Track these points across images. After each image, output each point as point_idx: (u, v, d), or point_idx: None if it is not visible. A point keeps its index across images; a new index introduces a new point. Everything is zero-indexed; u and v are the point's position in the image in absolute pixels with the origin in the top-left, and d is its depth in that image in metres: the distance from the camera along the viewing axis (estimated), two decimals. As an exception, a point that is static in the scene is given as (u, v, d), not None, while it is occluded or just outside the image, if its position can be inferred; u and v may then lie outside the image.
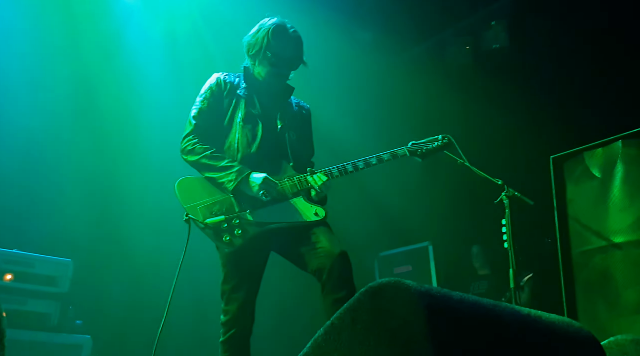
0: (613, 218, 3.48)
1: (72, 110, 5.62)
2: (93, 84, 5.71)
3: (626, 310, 3.31)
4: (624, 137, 3.53)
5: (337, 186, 3.28)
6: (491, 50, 6.39)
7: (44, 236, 5.16)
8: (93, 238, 5.42)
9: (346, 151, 5.80)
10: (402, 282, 1.32)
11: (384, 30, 6.61)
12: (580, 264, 3.59)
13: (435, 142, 3.36)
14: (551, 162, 3.83)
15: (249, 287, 3.15)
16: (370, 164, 3.21)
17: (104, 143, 5.76)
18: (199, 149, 3.16)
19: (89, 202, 5.56)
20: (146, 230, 5.62)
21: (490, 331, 1.40)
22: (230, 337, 3.07)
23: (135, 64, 5.92)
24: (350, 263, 2.97)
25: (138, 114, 5.86)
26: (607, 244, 3.46)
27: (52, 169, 5.44)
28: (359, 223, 6.67)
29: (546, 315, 1.68)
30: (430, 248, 6.49)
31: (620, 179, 3.49)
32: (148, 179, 5.64)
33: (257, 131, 3.21)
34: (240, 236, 3.01)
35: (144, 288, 5.39)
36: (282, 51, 3.21)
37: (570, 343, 1.65)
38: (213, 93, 3.27)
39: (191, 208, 3.05)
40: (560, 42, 5.83)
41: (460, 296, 1.42)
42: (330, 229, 3.14)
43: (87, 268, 5.20)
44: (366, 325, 1.31)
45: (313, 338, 1.41)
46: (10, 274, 4.64)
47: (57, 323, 4.75)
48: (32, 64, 5.42)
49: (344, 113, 6.57)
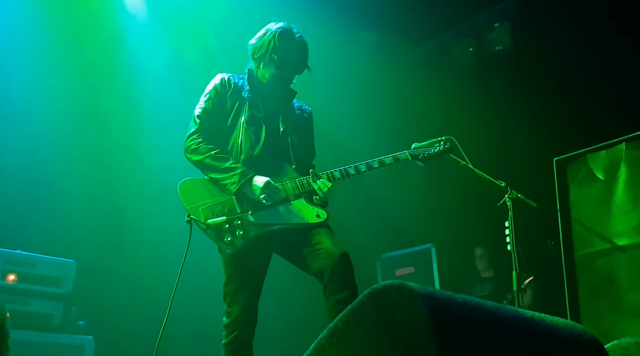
0: (616, 220, 3.47)
1: (75, 111, 5.63)
2: (97, 85, 5.72)
3: (629, 312, 3.30)
4: (627, 140, 3.52)
5: (340, 187, 3.29)
6: (494, 52, 6.38)
7: (47, 237, 5.17)
8: (96, 239, 5.43)
9: (349, 152, 5.81)
10: (406, 284, 1.32)
11: (387, 32, 6.61)
12: (584, 266, 3.58)
13: (437, 147, 3.36)
14: (554, 164, 3.82)
15: (252, 289, 3.15)
16: (372, 167, 3.23)
17: (108, 144, 5.77)
18: (203, 148, 3.17)
19: (92, 203, 5.57)
20: (149, 231, 5.64)
21: (493, 334, 1.40)
22: (232, 339, 3.06)
23: (137, 65, 5.93)
24: (351, 264, 2.97)
25: (141, 114, 5.87)
26: (611, 247, 3.45)
27: (55, 170, 5.45)
28: (361, 224, 6.67)
29: (549, 318, 1.67)
30: (433, 249, 6.48)
31: (624, 181, 3.48)
32: (151, 180, 5.65)
33: (260, 134, 3.22)
34: (241, 237, 3.02)
35: (147, 288, 5.40)
36: (287, 55, 3.24)
37: (573, 346, 1.64)
38: (217, 93, 3.28)
39: (193, 209, 3.06)
40: (563, 44, 5.82)
41: (464, 299, 1.42)
42: (332, 231, 3.14)
43: (90, 268, 5.21)
44: (369, 327, 1.31)
45: (316, 340, 1.41)
46: (13, 275, 4.65)
47: (59, 323, 4.76)
48: (35, 64, 5.43)
49: (347, 114, 6.58)
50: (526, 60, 6.21)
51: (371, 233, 6.89)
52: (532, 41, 6.15)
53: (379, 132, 6.59)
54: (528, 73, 6.10)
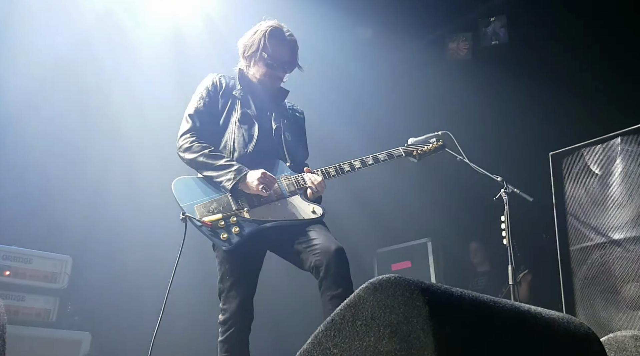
0: (612, 214, 3.48)
1: (71, 108, 5.62)
2: (94, 84, 5.71)
3: (625, 306, 3.31)
4: (623, 134, 3.53)
5: (335, 182, 3.29)
6: (490, 47, 6.38)
7: (43, 233, 5.16)
8: (92, 235, 5.42)
9: (344, 148, 5.82)
10: (403, 278, 1.32)
11: (383, 26, 6.60)
12: (579, 260, 3.59)
13: (431, 144, 3.42)
14: (550, 158, 3.83)
15: (247, 285, 3.15)
16: (367, 164, 3.28)
17: (104, 140, 5.76)
18: (196, 147, 3.17)
19: (87, 199, 5.56)
20: (145, 228, 5.62)
21: (490, 328, 1.40)
22: (229, 336, 3.05)
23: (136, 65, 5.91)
24: (347, 259, 2.97)
25: (136, 112, 5.85)
26: (606, 241, 3.46)
27: (51, 166, 5.44)
28: (357, 219, 6.67)
29: (546, 311, 1.68)
30: (429, 244, 6.50)
31: (620, 175, 3.49)
32: (146, 177, 5.63)
33: (253, 132, 3.23)
34: (237, 234, 3.02)
35: (142, 284, 5.39)
36: (277, 53, 3.28)
37: (570, 339, 1.65)
38: (209, 93, 3.31)
39: (188, 207, 3.06)
40: (559, 38, 5.82)
41: (461, 292, 1.42)
42: (327, 227, 3.14)
43: (86, 264, 5.20)
44: (366, 321, 1.31)
45: (313, 334, 1.41)
46: (8, 271, 4.64)
47: (56, 319, 4.76)
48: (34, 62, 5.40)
49: (342, 110, 6.58)
50: (522, 54, 6.21)
51: (367, 227, 6.89)
52: (528, 35, 6.15)
53: (374, 127, 6.59)
54: (524, 67, 6.10)
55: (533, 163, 4.91)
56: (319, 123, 5.11)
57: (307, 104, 3.67)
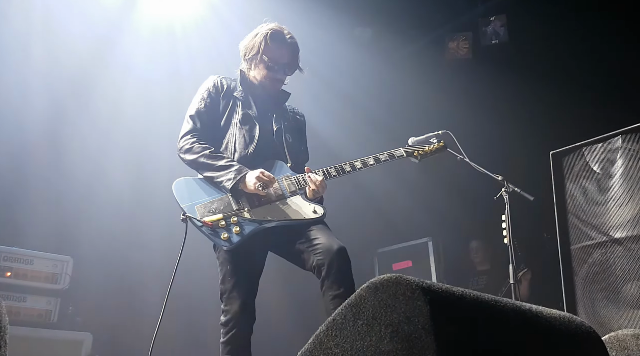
0: (613, 213, 3.48)
1: (70, 107, 5.61)
2: (93, 81, 5.70)
3: (626, 305, 3.32)
4: (623, 133, 3.53)
5: (337, 182, 3.29)
6: (490, 46, 6.38)
7: (44, 233, 5.15)
8: (93, 236, 5.41)
9: (345, 148, 5.82)
10: (404, 277, 1.32)
11: (382, 26, 6.60)
12: (580, 259, 3.59)
13: (433, 145, 3.44)
14: (551, 157, 3.83)
15: (248, 286, 3.13)
16: (368, 164, 3.28)
17: (104, 141, 5.76)
18: (197, 148, 3.17)
19: (88, 199, 5.56)
20: (145, 228, 5.62)
21: (491, 327, 1.41)
22: (231, 337, 3.03)
23: (135, 64, 5.91)
24: (349, 258, 2.97)
25: (137, 111, 5.85)
26: (607, 240, 3.47)
27: (52, 166, 5.43)
28: (358, 219, 6.68)
29: (547, 310, 1.68)
30: (430, 243, 6.50)
31: (620, 174, 3.49)
32: (147, 178, 5.64)
33: (254, 133, 3.24)
34: (238, 234, 3.01)
35: (143, 285, 5.39)
36: (278, 56, 3.30)
37: (571, 338, 1.65)
38: (210, 94, 3.32)
39: (188, 207, 3.05)
40: (559, 37, 5.82)
41: (462, 292, 1.42)
42: (328, 227, 3.14)
43: (87, 265, 5.20)
44: (368, 321, 1.31)
45: (315, 334, 1.41)
46: (9, 272, 4.64)
47: (57, 319, 4.76)
48: (32, 59, 5.40)
49: (342, 111, 6.57)
50: (522, 53, 6.21)
51: (368, 227, 6.90)
52: (528, 34, 6.15)
53: (375, 127, 6.59)
54: (524, 66, 6.10)
55: (534, 162, 4.92)
56: (319, 123, 5.12)
57: (307, 104, 3.68)
